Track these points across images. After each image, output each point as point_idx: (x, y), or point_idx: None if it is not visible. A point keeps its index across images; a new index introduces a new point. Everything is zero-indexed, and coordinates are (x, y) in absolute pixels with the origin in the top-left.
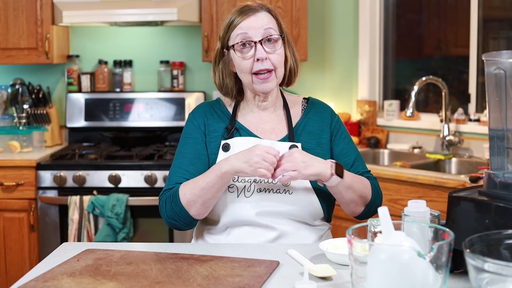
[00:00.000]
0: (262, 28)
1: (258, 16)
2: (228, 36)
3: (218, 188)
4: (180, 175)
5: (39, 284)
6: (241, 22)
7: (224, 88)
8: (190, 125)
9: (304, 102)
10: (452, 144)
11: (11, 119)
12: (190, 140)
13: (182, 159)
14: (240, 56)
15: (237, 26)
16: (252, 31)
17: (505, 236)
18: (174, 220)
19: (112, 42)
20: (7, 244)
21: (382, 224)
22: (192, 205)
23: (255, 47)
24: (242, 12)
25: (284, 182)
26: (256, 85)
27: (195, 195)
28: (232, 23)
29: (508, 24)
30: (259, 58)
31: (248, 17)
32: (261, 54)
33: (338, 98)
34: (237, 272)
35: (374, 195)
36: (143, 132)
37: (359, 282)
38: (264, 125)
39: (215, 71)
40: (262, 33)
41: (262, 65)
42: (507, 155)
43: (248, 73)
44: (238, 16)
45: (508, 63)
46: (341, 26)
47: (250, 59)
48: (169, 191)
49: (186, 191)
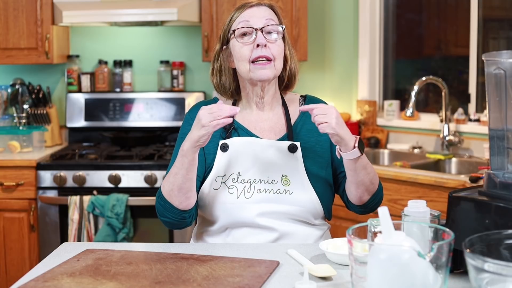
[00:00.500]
0: (264, 18)
1: (260, 8)
2: (230, 27)
3: (186, 168)
4: None
5: (39, 284)
6: (244, 12)
7: (222, 86)
8: (187, 126)
9: (301, 100)
10: (452, 144)
11: (11, 119)
12: None
13: None
14: (240, 42)
15: (239, 16)
16: (254, 20)
17: (505, 236)
18: (164, 216)
19: (112, 42)
20: (7, 244)
21: (382, 224)
22: (172, 195)
23: (256, 34)
24: (244, 4)
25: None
26: (253, 72)
27: (171, 183)
28: (233, 16)
29: (508, 24)
30: (259, 44)
31: (251, 7)
32: (261, 40)
33: (338, 98)
34: (237, 272)
35: (380, 187)
36: (143, 132)
37: (359, 282)
38: (262, 124)
39: (214, 69)
40: (263, 22)
41: (261, 51)
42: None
43: (247, 61)
44: (239, 9)
45: (508, 63)
46: (341, 26)
47: (249, 45)
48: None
49: (164, 183)
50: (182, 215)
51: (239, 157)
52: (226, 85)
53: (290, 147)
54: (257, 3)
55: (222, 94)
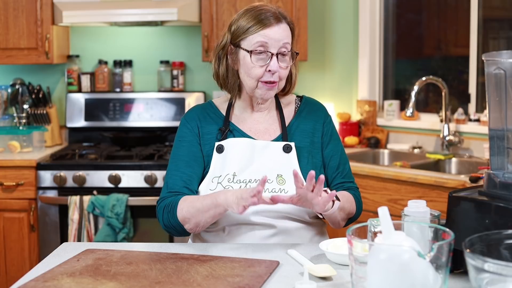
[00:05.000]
0: (281, 41)
1: (280, 27)
2: (244, 37)
3: (212, 215)
4: (177, 178)
5: (39, 284)
6: (263, 30)
7: (228, 84)
8: (184, 129)
9: (297, 101)
10: (452, 144)
11: (11, 119)
12: (185, 143)
13: (178, 162)
14: (253, 62)
15: (257, 32)
16: (272, 42)
17: (505, 236)
18: (169, 228)
19: (112, 42)
20: (7, 244)
21: (382, 224)
22: (187, 222)
23: (271, 58)
24: (264, 19)
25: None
26: (260, 90)
27: (190, 214)
28: (251, 27)
29: (508, 24)
30: (271, 70)
31: (271, 26)
32: (275, 68)
33: (338, 98)
34: (237, 272)
35: (357, 207)
36: (143, 132)
37: (359, 282)
38: (257, 126)
39: (220, 64)
40: (279, 46)
41: (271, 77)
42: (507, 155)
43: (255, 80)
44: (259, 23)
45: (508, 63)
46: (341, 26)
47: (262, 67)
48: (166, 199)
49: (183, 207)
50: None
51: (234, 158)
52: (231, 84)
53: (285, 147)
54: (276, 19)
55: (222, 86)
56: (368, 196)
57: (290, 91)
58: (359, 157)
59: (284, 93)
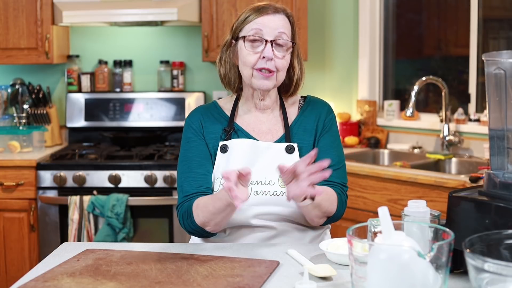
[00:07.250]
0: (277, 30)
1: (276, 16)
2: (242, 27)
3: (228, 213)
4: (191, 180)
5: (39, 284)
6: (258, 18)
7: (228, 79)
8: (189, 130)
9: (301, 101)
10: (452, 144)
11: (11, 119)
12: (193, 143)
13: (190, 163)
14: (248, 49)
15: (253, 21)
16: (266, 29)
17: (505, 236)
18: (194, 233)
19: (112, 42)
20: (7, 244)
21: (382, 224)
22: (207, 225)
23: (265, 45)
24: (262, 9)
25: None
26: (256, 79)
27: (207, 218)
28: (249, 17)
29: (508, 24)
30: (265, 56)
31: (267, 15)
32: (268, 53)
33: (338, 98)
34: (237, 272)
35: (338, 209)
36: (143, 132)
37: (359, 282)
38: (261, 126)
39: (222, 60)
40: (275, 35)
41: (265, 63)
42: (507, 155)
43: (250, 67)
44: (256, 12)
45: (508, 63)
46: (341, 26)
47: (256, 54)
48: (183, 205)
49: (199, 213)
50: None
51: (237, 158)
52: (231, 79)
53: (288, 148)
54: (274, 9)
55: (226, 85)
56: (368, 196)
57: (294, 92)
58: (359, 157)
59: (289, 94)
